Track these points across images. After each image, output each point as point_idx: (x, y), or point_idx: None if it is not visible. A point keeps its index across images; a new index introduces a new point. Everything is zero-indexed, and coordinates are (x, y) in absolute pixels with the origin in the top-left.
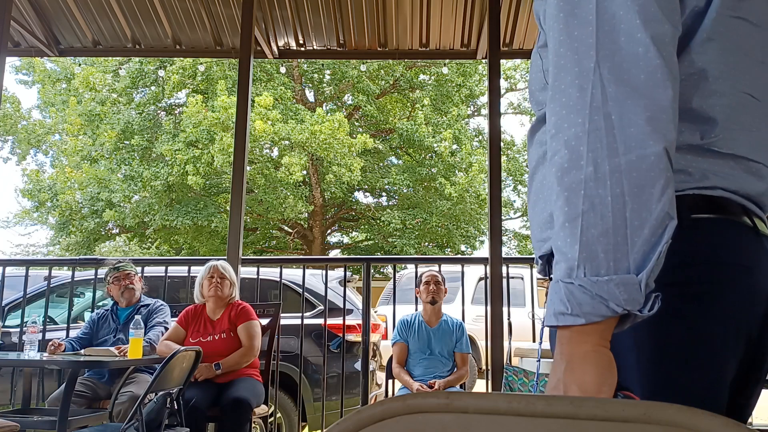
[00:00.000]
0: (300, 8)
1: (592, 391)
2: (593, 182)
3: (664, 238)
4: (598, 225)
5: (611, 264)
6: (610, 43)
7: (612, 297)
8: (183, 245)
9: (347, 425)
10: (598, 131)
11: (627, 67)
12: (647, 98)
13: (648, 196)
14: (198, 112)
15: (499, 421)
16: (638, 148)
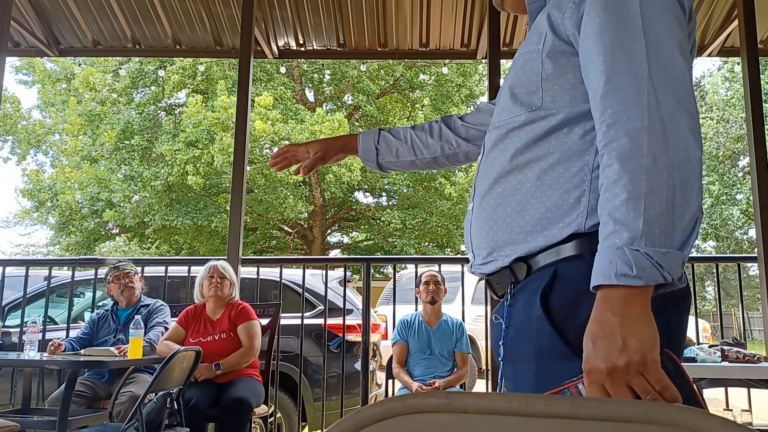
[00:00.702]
0: (300, 8)
1: (650, 343)
2: (653, 171)
3: (696, 227)
4: (656, 206)
5: (663, 240)
6: (657, 59)
7: (667, 266)
8: (183, 245)
9: (347, 425)
10: (654, 130)
11: (672, 83)
12: (687, 112)
13: (690, 191)
14: (198, 112)
15: (499, 421)
16: (685, 151)
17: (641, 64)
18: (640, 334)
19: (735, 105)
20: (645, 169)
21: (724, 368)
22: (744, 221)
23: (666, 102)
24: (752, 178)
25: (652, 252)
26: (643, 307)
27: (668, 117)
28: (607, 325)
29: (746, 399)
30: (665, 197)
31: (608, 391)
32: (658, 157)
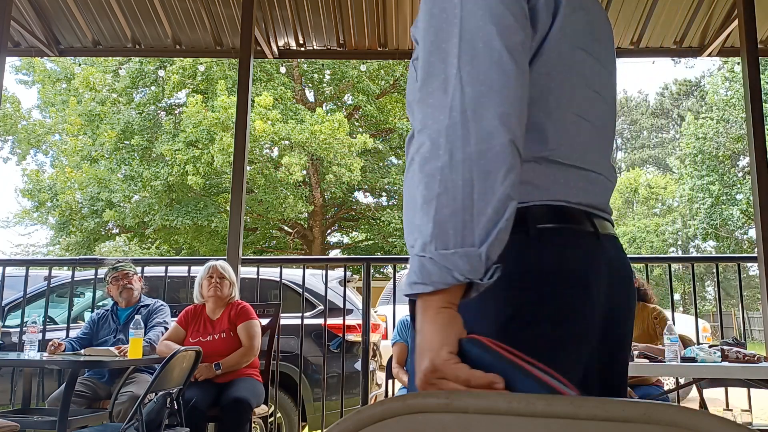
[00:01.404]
0: (300, 8)
1: (435, 347)
2: (448, 169)
3: (505, 215)
4: (449, 205)
5: (458, 239)
6: (470, 50)
7: (456, 267)
8: (183, 245)
9: (347, 425)
10: (455, 125)
11: (484, 70)
12: (499, 96)
13: (493, 180)
14: (198, 112)
15: (499, 421)
16: (487, 139)
17: (452, 60)
18: (428, 340)
19: (735, 105)
20: (440, 168)
21: (724, 368)
22: (744, 221)
23: (473, 91)
24: (752, 178)
25: (439, 255)
26: (436, 312)
27: (473, 107)
28: (416, 340)
29: (746, 399)
30: (460, 194)
31: None
32: (454, 152)
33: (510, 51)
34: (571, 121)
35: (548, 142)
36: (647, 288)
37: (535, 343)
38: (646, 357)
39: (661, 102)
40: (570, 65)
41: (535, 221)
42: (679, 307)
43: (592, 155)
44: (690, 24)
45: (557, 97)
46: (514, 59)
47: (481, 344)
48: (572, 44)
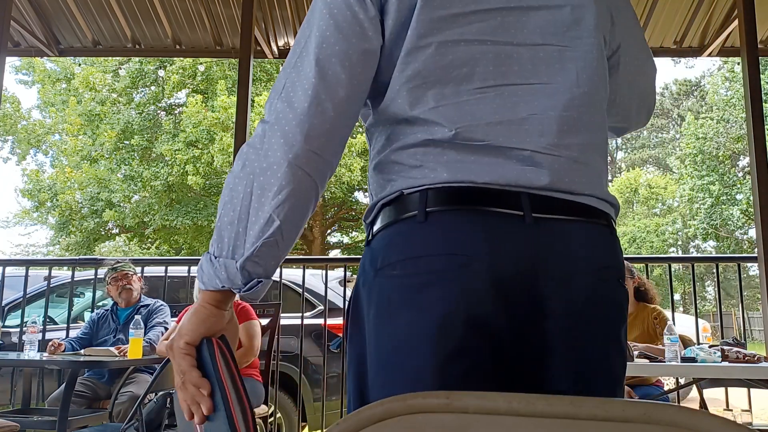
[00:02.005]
0: (300, 8)
1: (181, 333)
2: (238, 179)
3: (266, 234)
4: (229, 214)
5: (230, 248)
6: (299, 65)
7: (218, 274)
8: (183, 245)
9: (347, 425)
10: (257, 137)
11: (295, 84)
12: (294, 112)
13: (265, 198)
14: (198, 112)
15: (499, 421)
16: (270, 157)
17: (284, 74)
18: (182, 325)
19: (735, 105)
20: (235, 177)
21: (724, 368)
22: (744, 221)
23: (280, 106)
24: (752, 178)
25: (210, 260)
26: (200, 305)
27: (273, 122)
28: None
29: (746, 399)
30: (240, 205)
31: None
32: (247, 164)
33: (320, 64)
34: (475, 99)
35: (441, 126)
36: (649, 288)
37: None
38: (646, 357)
39: (661, 102)
40: (462, 29)
41: (423, 205)
42: (679, 307)
43: (521, 128)
44: (690, 24)
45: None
46: (321, 74)
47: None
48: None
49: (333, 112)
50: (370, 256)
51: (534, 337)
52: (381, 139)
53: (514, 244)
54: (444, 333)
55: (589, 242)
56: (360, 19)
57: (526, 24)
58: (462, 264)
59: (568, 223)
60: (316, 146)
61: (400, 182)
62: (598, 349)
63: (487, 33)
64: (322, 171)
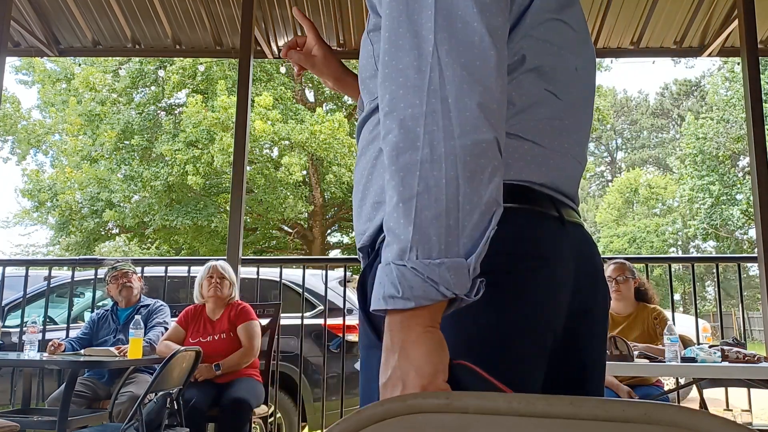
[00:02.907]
0: (300, 8)
1: (428, 373)
2: (429, 164)
3: (491, 223)
4: (432, 207)
5: (443, 247)
6: (448, 27)
7: (443, 281)
8: (183, 245)
9: (347, 425)
10: (434, 113)
11: (464, 52)
12: (481, 85)
13: (478, 181)
14: (198, 112)
15: (499, 421)
16: (472, 133)
17: (428, 35)
18: (418, 365)
19: (735, 105)
20: (419, 163)
21: (724, 368)
22: (744, 221)
23: (454, 77)
24: (752, 178)
25: (422, 266)
26: (422, 331)
27: (455, 94)
28: (390, 361)
29: (746, 399)
30: (444, 194)
31: None
32: (435, 145)
33: (491, 34)
34: (543, 97)
35: (515, 116)
36: (648, 288)
37: (498, 331)
38: (647, 357)
39: (661, 102)
40: (546, 35)
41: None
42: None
43: (562, 137)
44: (690, 24)
45: (530, 70)
46: (495, 44)
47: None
48: (549, 11)
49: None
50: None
51: (569, 333)
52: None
53: (563, 244)
54: (526, 334)
55: (592, 244)
56: None
57: (578, 43)
58: (543, 262)
59: (579, 225)
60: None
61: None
62: (602, 341)
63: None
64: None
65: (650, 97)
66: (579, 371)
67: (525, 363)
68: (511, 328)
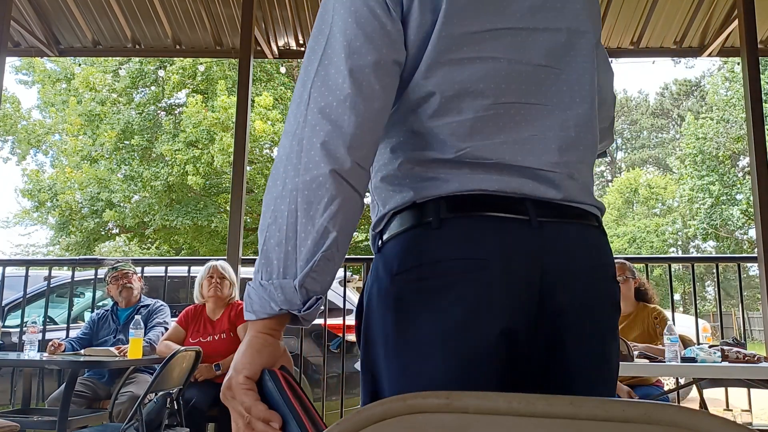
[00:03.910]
0: (300, 8)
1: (238, 368)
2: (280, 198)
3: (322, 247)
4: (275, 235)
5: (281, 269)
6: (324, 74)
7: (272, 298)
8: (183, 245)
9: (347, 425)
10: (291, 154)
11: (327, 95)
12: (331, 124)
13: (314, 211)
14: (198, 112)
15: (499, 421)
16: (312, 170)
17: (307, 84)
18: (236, 360)
19: (735, 105)
20: (275, 198)
21: (724, 368)
22: (744, 221)
23: (311, 119)
24: (752, 178)
25: (260, 286)
26: (253, 336)
27: (308, 135)
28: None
29: (746, 399)
30: (286, 223)
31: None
32: (287, 182)
33: (354, 74)
34: (486, 116)
35: (450, 146)
36: (648, 288)
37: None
38: (647, 357)
39: (661, 102)
40: (478, 45)
41: (437, 212)
42: (679, 307)
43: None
44: (690, 24)
45: (451, 97)
46: (356, 83)
47: (276, 380)
48: (474, 22)
49: (371, 123)
50: (383, 263)
51: (545, 333)
52: (386, 151)
53: (524, 245)
54: (464, 334)
55: (585, 242)
56: (388, 29)
57: (532, 44)
58: (478, 266)
59: (567, 225)
60: (359, 157)
61: (413, 192)
62: (597, 340)
63: (500, 50)
64: (365, 182)
65: (650, 97)
66: (562, 375)
67: (446, 363)
68: (440, 331)
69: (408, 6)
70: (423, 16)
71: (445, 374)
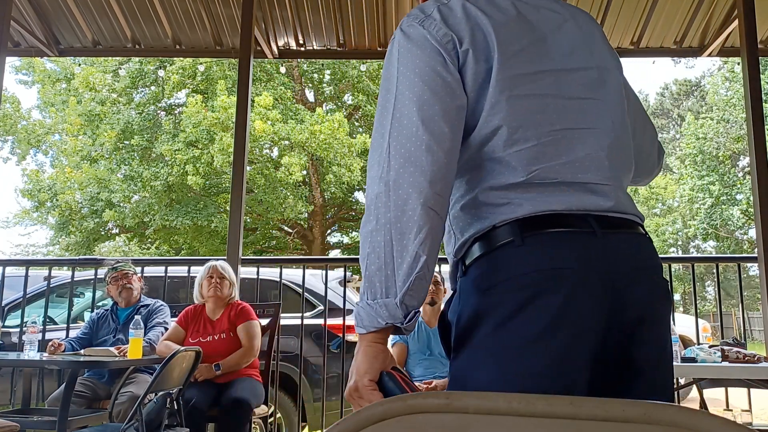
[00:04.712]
0: (300, 8)
1: (361, 372)
2: (375, 231)
3: (416, 269)
4: (375, 262)
5: (383, 290)
6: (398, 126)
7: (379, 314)
8: (183, 245)
9: (347, 425)
10: (380, 195)
11: (404, 143)
12: (413, 166)
13: (407, 240)
14: (198, 112)
15: (499, 421)
16: (403, 205)
17: (385, 135)
18: (357, 366)
19: (735, 105)
20: (370, 232)
21: (724, 368)
22: (744, 221)
23: (396, 164)
24: (752, 178)
25: (367, 305)
26: (367, 345)
27: (395, 177)
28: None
29: (746, 399)
30: (383, 252)
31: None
32: (380, 217)
33: (426, 123)
34: (549, 138)
35: (519, 171)
36: None
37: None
38: None
39: (661, 102)
40: (531, 83)
41: (521, 232)
42: (679, 307)
43: (581, 159)
44: (690, 24)
45: (516, 128)
46: (428, 130)
47: (394, 379)
48: (525, 65)
49: (445, 159)
50: (473, 283)
51: (618, 329)
52: (463, 184)
53: (593, 254)
54: (555, 334)
55: (639, 247)
56: (448, 81)
57: (571, 82)
58: (560, 275)
59: (623, 234)
60: (439, 189)
61: (491, 218)
62: (658, 330)
63: (546, 88)
64: (446, 208)
65: (650, 97)
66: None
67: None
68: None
69: (463, 59)
70: (478, 66)
71: (541, 371)
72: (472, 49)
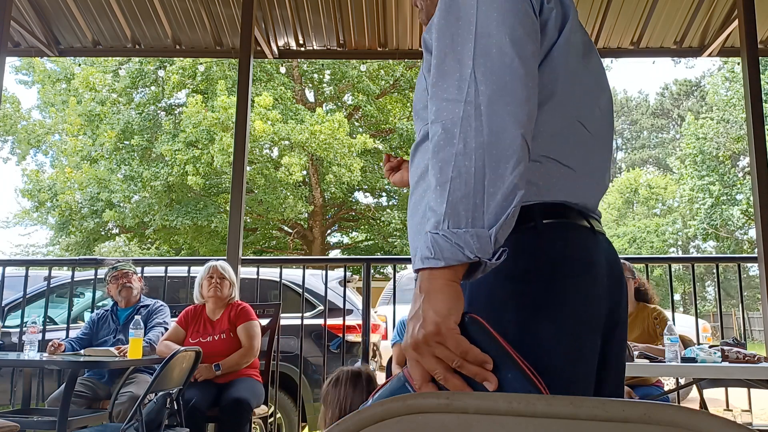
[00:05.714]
0: (300, 8)
1: (443, 314)
2: (462, 156)
3: (513, 202)
4: (461, 189)
5: (469, 220)
6: (484, 53)
7: (467, 245)
8: (183, 245)
9: (347, 425)
10: (469, 117)
11: (497, 71)
12: (510, 95)
13: (504, 169)
14: (198, 112)
15: (499, 421)
16: (500, 132)
17: (467, 62)
18: (436, 306)
19: (735, 105)
20: (454, 155)
21: (724, 368)
22: (744, 221)
23: (487, 90)
24: (752, 178)
25: (451, 234)
26: (445, 283)
27: (487, 103)
28: (416, 304)
29: (746, 399)
30: (473, 179)
31: (422, 365)
32: (468, 141)
33: (521, 59)
34: (573, 127)
35: (551, 143)
36: (648, 288)
37: (553, 332)
38: (647, 357)
39: (661, 102)
40: (573, 75)
41: (542, 217)
42: (679, 307)
43: (590, 162)
44: (690, 24)
45: (561, 102)
46: (525, 66)
47: (481, 325)
48: (575, 56)
49: (535, 101)
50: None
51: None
52: None
53: (596, 247)
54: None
55: (611, 247)
56: (536, 29)
57: (600, 94)
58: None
59: (604, 236)
60: (530, 131)
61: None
62: (623, 331)
63: (586, 82)
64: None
65: (650, 97)
66: (611, 358)
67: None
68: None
69: (546, 17)
70: (553, 31)
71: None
72: (556, 9)
